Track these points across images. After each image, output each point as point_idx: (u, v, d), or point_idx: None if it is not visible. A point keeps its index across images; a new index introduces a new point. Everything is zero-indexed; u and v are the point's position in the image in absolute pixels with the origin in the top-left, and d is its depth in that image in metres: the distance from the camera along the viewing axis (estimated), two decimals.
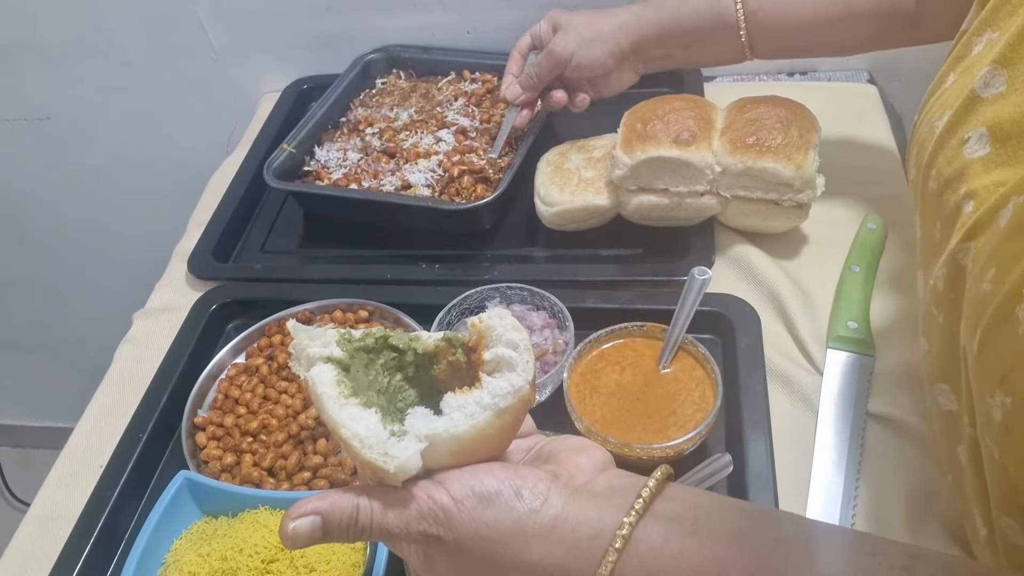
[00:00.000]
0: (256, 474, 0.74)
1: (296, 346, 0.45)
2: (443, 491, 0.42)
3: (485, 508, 0.42)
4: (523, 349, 0.44)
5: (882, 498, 0.68)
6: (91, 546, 0.71)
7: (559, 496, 0.43)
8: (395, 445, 0.42)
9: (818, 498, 0.69)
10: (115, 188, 1.46)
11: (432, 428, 0.42)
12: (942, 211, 0.50)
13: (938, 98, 0.55)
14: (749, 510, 0.45)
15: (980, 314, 0.43)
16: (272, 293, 0.91)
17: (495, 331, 0.45)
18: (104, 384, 0.89)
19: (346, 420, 0.42)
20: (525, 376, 0.44)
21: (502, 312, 0.46)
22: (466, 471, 0.43)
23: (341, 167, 1.01)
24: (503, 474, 0.43)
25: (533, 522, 0.42)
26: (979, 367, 0.43)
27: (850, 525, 0.67)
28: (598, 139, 0.96)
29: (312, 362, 0.44)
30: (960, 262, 0.47)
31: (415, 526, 0.42)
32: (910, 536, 0.65)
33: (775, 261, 0.87)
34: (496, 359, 0.44)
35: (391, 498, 0.42)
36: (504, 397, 0.43)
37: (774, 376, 0.77)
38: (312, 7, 1.17)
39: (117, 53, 1.26)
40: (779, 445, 0.70)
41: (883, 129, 1.03)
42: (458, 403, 0.43)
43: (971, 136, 0.48)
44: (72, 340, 1.73)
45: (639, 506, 0.42)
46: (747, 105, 0.87)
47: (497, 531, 0.42)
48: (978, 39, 0.54)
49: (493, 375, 0.44)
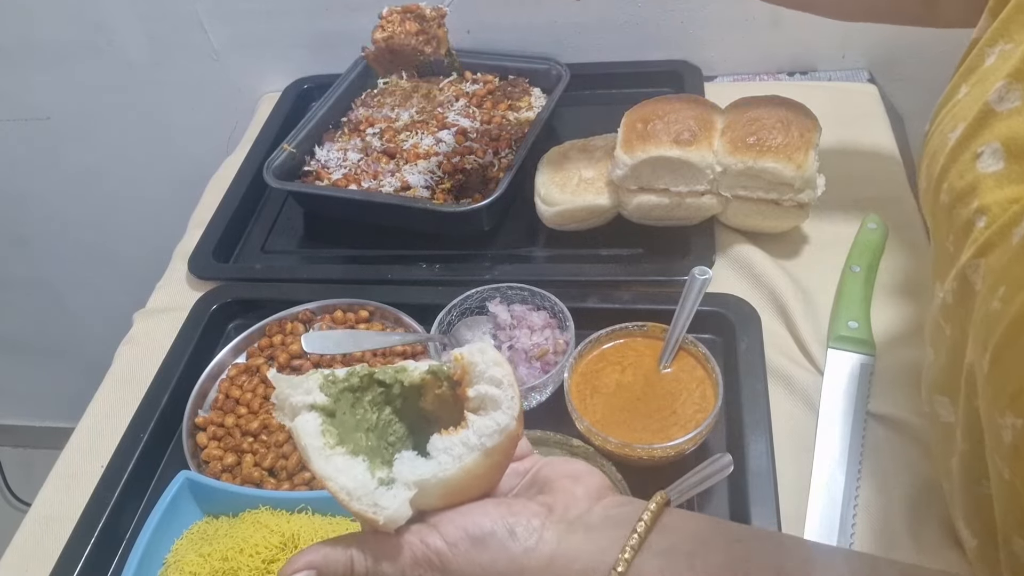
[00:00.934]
0: (257, 474, 0.74)
1: (278, 396, 0.44)
2: (436, 535, 0.42)
3: (480, 550, 0.41)
4: (507, 385, 0.43)
5: (882, 498, 0.68)
6: (92, 546, 0.71)
7: (554, 532, 0.42)
8: (384, 495, 0.41)
9: (818, 498, 0.69)
10: (115, 188, 1.46)
11: (420, 474, 0.42)
12: (954, 225, 0.50)
13: (950, 109, 0.55)
14: (747, 538, 0.45)
15: (990, 333, 0.42)
16: (272, 293, 0.91)
17: (477, 367, 0.44)
18: (105, 384, 0.89)
19: (332, 473, 0.42)
20: (511, 413, 0.43)
21: (483, 346, 0.45)
22: (459, 512, 0.43)
23: (341, 167, 1.02)
24: (496, 512, 0.43)
25: (528, 560, 0.41)
26: (989, 387, 0.43)
27: (851, 525, 0.67)
28: (599, 139, 0.96)
29: (296, 411, 0.43)
30: (969, 278, 0.46)
31: (411, 572, 0.42)
32: (910, 536, 0.65)
33: (775, 261, 0.87)
34: (480, 396, 0.43)
35: (385, 546, 0.42)
36: (491, 436, 0.42)
37: (774, 376, 0.77)
38: (312, 7, 1.17)
39: (117, 53, 1.26)
40: (779, 445, 0.70)
41: (883, 129, 1.03)
42: (444, 445, 0.42)
43: (984, 150, 0.48)
44: (72, 340, 1.73)
45: (634, 542, 0.41)
46: (747, 105, 0.87)
47: (494, 571, 0.41)
48: (991, 50, 0.53)
49: (478, 413, 0.43)
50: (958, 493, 0.54)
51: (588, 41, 1.15)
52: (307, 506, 0.68)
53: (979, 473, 0.49)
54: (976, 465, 0.50)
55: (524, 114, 1.06)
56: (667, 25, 1.12)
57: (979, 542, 0.52)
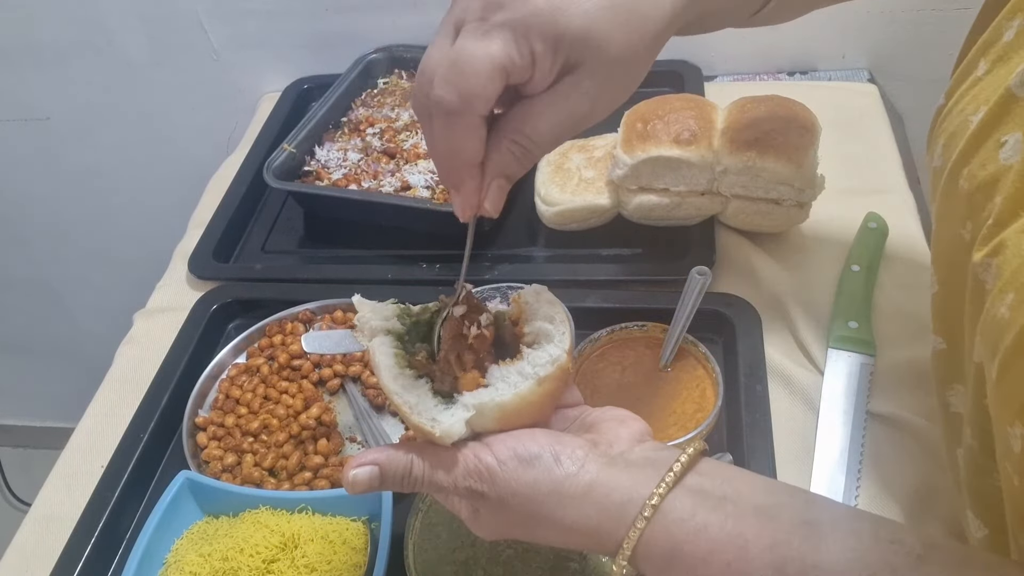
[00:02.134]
0: (257, 474, 0.74)
1: (360, 318, 0.49)
2: (488, 452, 0.45)
3: (526, 469, 0.45)
4: (559, 321, 0.48)
5: (882, 498, 0.68)
6: (92, 546, 0.71)
7: (595, 463, 0.45)
8: (442, 412, 0.46)
9: None
10: (115, 188, 1.46)
11: (479, 398, 0.46)
12: (973, 213, 0.48)
13: (970, 87, 0.53)
14: (778, 489, 0.46)
15: (998, 340, 0.42)
16: (272, 293, 0.91)
17: (531, 306, 0.49)
18: (105, 384, 0.89)
19: (399, 389, 0.47)
20: (562, 347, 0.47)
21: (539, 288, 0.50)
22: (511, 435, 0.46)
23: (341, 167, 1.01)
24: (545, 440, 0.46)
25: (570, 485, 0.44)
26: (998, 395, 0.42)
27: None
28: (598, 139, 0.96)
29: (374, 333, 0.49)
30: (980, 276, 0.45)
31: (462, 482, 0.45)
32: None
33: (775, 261, 0.87)
34: (535, 332, 0.49)
35: (442, 456, 0.46)
36: (543, 367, 0.47)
37: (774, 376, 0.77)
38: (312, 7, 1.17)
39: (117, 53, 1.26)
40: (779, 445, 0.70)
41: (883, 129, 1.03)
42: (501, 374, 0.47)
43: (1008, 139, 0.46)
44: (72, 340, 1.73)
45: (670, 478, 0.44)
46: (747, 105, 0.87)
47: (536, 491, 0.44)
48: (1009, 24, 0.51)
49: (532, 347, 0.48)
50: (965, 483, 0.53)
51: None
52: (307, 506, 0.68)
53: (987, 468, 0.49)
54: (984, 460, 0.49)
55: None
56: None
57: (990, 531, 0.52)
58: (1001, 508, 0.49)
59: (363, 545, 0.66)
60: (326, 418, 0.78)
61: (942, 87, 0.67)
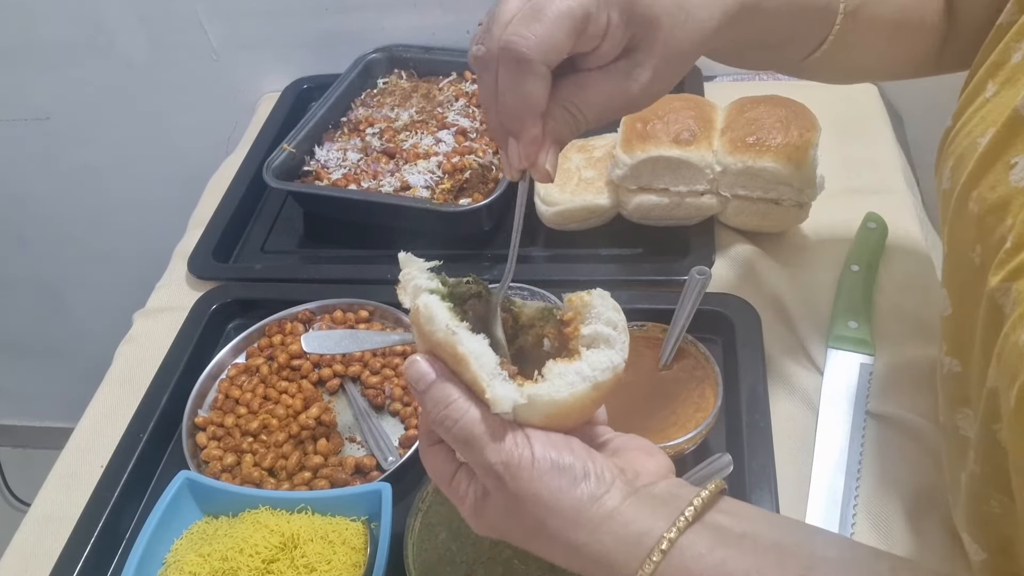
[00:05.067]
0: (256, 474, 0.74)
1: (404, 276, 0.48)
2: (528, 445, 0.44)
3: (554, 475, 0.44)
4: (621, 329, 0.48)
5: (882, 498, 0.68)
6: (91, 546, 0.71)
7: (620, 491, 0.44)
8: (500, 384, 0.44)
9: (818, 498, 0.69)
10: (115, 188, 1.46)
11: (536, 390, 0.45)
12: (984, 237, 0.48)
13: (978, 108, 0.53)
14: (795, 527, 0.47)
15: (1017, 369, 0.41)
16: (272, 293, 0.91)
17: (595, 308, 0.48)
18: (104, 384, 0.89)
19: (465, 336, 0.45)
20: (623, 354, 0.47)
21: (603, 293, 0.49)
22: (551, 436, 0.45)
23: (341, 167, 1.01)
24: (581, 453, 0.45)
25: (590, 508, 0.44)
26: (1016, 425, 0.42)
27: (851, 524, 0.67)
28: (598, 139, 0.96)
29: (418, 292, 0.47)
30: (998, 301, 0.45)
31: (493, 456, 0.44)
32: (911, 535, 0.65)
33: (775, 261, 0.87)
34: (594, 334, 0.47)
35: (490, 418, 0.44)
36: (603, 372, 0.46)
37: (774, 376, 0.77)
38: (312, 7, 1.17)
39: (117, 53, 1.26)
40: (779, 445, 0.70)
41: (883, 129, 1.03)
42: (559, 371, 0.46)
43: (1018, 161, 0.46)
44: (72, 340, 1.73)
45: (689, 513, 0.43)
46: (747, 105, 0.87)
47: (555, 500, 0.44)
48: (1017, 45, 0.51)
49: (590, 349, 0.47)
50: (964, 507, 0.53)
51: None
52: (307, 506, 0.68)
53: (988, 494, 0.49)
54: (986, 487, 0.49)
55: None
56: None
57: (988, 556, 0.52)
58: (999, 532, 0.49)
59: (362, 545, 0.66)
60: (326, 418, 0.78)
61: (942, 87, 0.67)
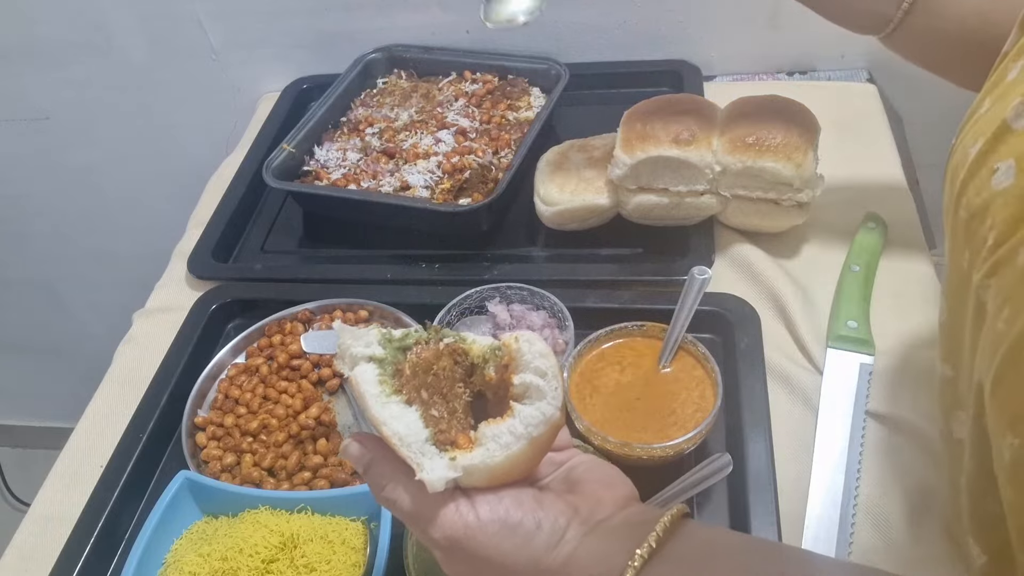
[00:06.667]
0: (256, 474, 0.74)
1: (341, 345, 0.47)
2: (472, 510, 0.44)
3: (506, 536, 0.44)
4: (551, 376, 0.46)
5: (882, 498, 0.68)
6: (91, 546, 0.71)
7: (576, 533, 0.44)
8: (429, 461, 0.44)
9: (818, 498, 0.69)
10: (115, 188, 1.46)
11: (470, 459, 0.44)
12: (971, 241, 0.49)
13: (974, 124, 0.54)
14: (757, 549, 0.47)
15: (994, 353, 0.42)
16: (272, 293, 0.91)
17: (524, 356, 0.46)
18: (104, 384, 0.89)
19: (387, 418, 0.44)
20: (555, 404, 0.45)
21: (531, 336, 0.47)
22: (497, 496, 0.45)
23: (340, 167, 1.02)
24: (529, 506, 0.45)
25: (547, 558, 0.44)
26: (993, 407, 0.43)
27: (850, 525, 0.67)
28: (598, 138, 0.96)
29: (355, 361, 0.46)
30: (982, 298, 0.46)
31: (434, 532, 0.44)
32: (910, 535, 0.65)
33: (775, 261, 0.87)
34: (524, 385, 0.46)
35: (427, 500, 0.44)
36: (536, 427, 0.45)
37: (774, 376, 0.77)
38: (312, 7, 1.17)
39: (117, 53, 1.26)
40: (779, 445, 0.70)
41: (883, 129, 1.03)
42: (493, 433, 0.45)
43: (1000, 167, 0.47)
44: (72, 340, 1.73)
45: (644, 549, 0.43)
46: (747, 105, 0.87)
47: (511, 559, 0.44)
48: (1015, 64, 0.52)
49: (523, 401, 0.46)
50: (967, 510, 0.53)
51: (587, 41, 1.15)
52: (307, 506, 0.68)
53: (985, 490, 0.49)
54: (982, 482, 0.50)
55: (524, 114, 1.06)
56: (667, 25, 1.12)
57: (989, 559, 0.53)
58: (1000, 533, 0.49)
59: (362, 545, 0.66)
60: (325, 418, 0.78)
61: (942, 87, 0.67)
